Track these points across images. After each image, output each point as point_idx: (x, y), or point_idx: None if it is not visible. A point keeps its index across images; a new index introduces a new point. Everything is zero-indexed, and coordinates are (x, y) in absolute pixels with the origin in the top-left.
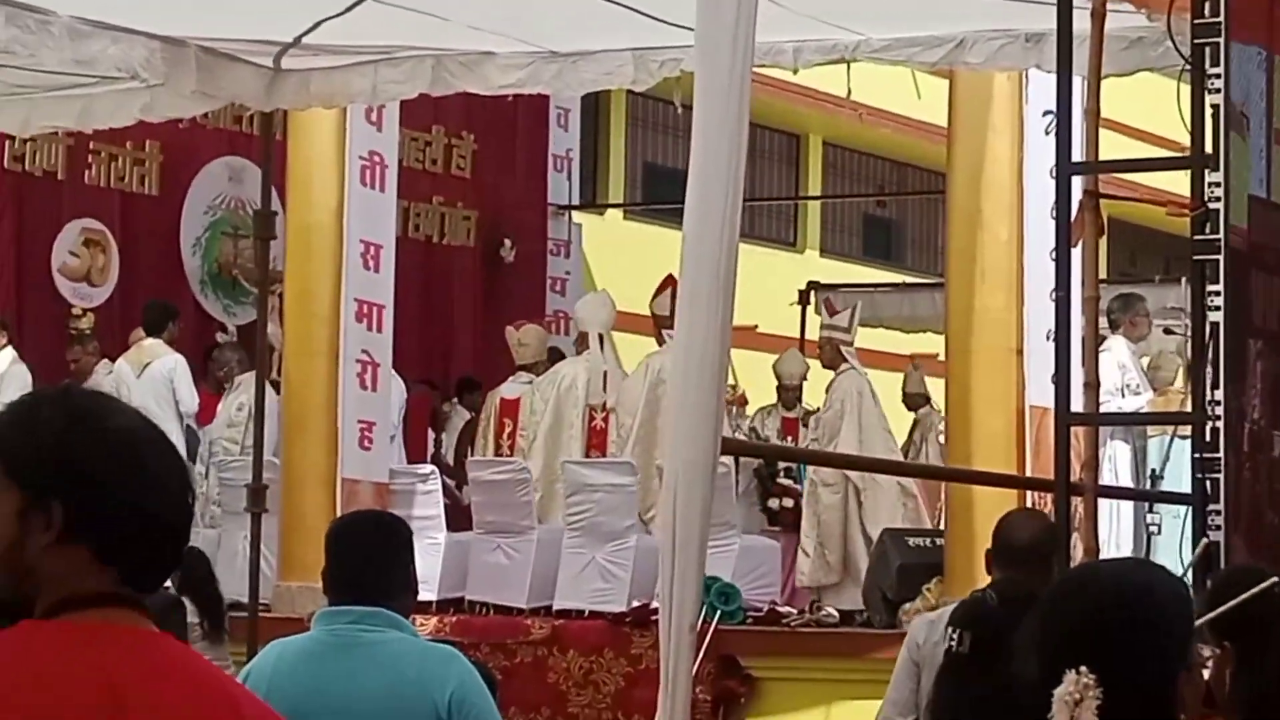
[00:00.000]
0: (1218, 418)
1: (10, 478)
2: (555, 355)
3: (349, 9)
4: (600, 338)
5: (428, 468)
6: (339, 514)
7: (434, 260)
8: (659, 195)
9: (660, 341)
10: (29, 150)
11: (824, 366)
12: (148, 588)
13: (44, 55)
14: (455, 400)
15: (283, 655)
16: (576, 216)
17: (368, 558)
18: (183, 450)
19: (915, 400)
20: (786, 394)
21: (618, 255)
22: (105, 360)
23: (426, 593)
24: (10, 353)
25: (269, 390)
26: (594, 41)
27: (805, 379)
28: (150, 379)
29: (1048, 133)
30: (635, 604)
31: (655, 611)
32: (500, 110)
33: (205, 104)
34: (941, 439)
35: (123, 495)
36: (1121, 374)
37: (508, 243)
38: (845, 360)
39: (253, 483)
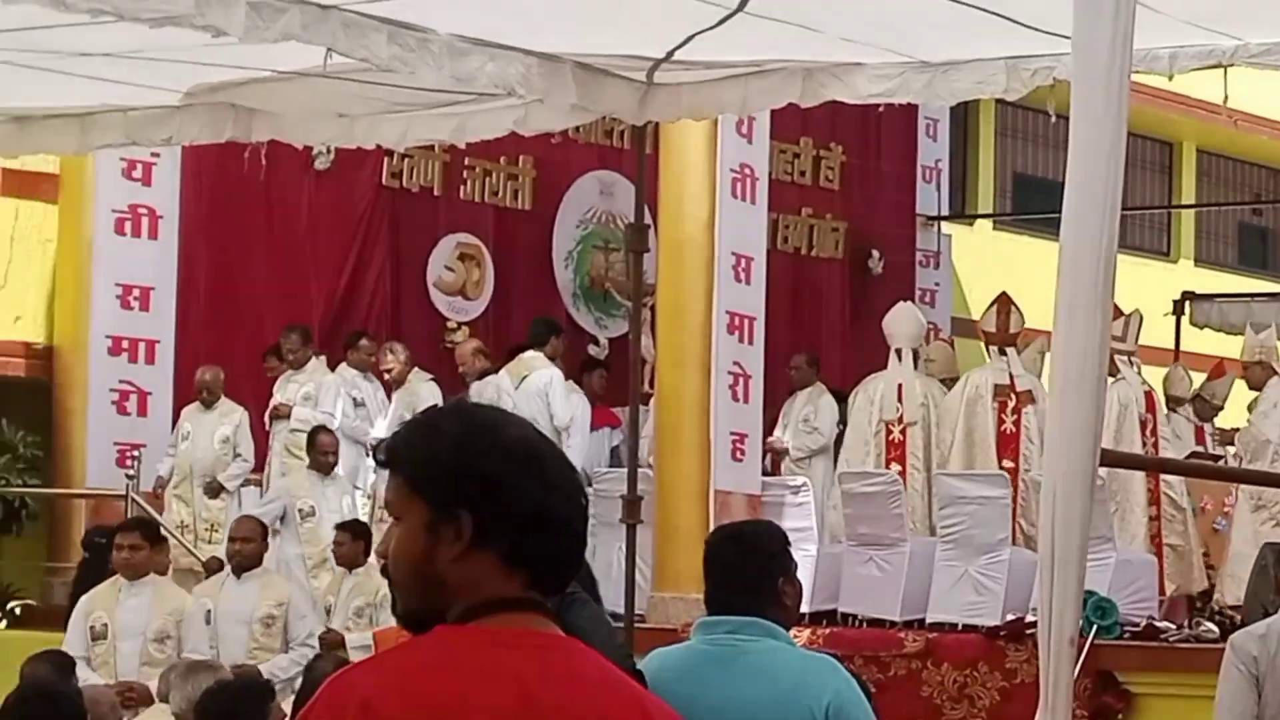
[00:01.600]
0: None
1: (416, 492)
2: None
3: (721, 22)
4: (898, 352)
5: (799, 479)
6: (712, 525)
7: (802, 272)
8: (1028, 205)
9: (989, 356)
10: (406, 167)
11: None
12: (553, 590)
13: (423, 73)
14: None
15: (663, 665)
16: (945, 227)
17: (739, 569)
18: None
19: (1205, 411)
20: (1201, 406)
21: (987, 266)
22: (418, 369)
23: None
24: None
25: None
26: (965, 51)
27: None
28: (527, 392)
29: None
30: (1009, 617)
31: (1030, 625)
32: (868, 121)
33: (577, 117)
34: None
35: (527, 502)
36: None
37: (876, 254)
38: (1119, 369)
39: (627, 494)
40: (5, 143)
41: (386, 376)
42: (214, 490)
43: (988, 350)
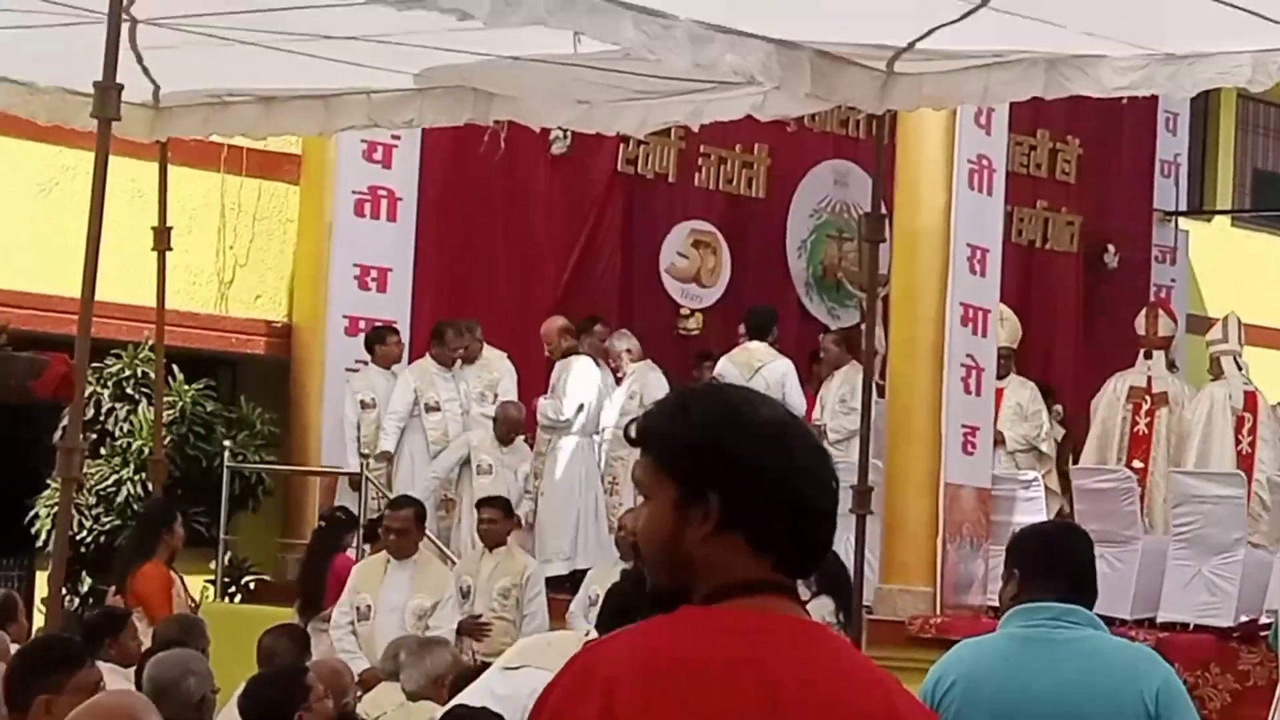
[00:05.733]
0: None
1: (665, 472)
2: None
3: (965, 15)
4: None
5: (1030, 474)
6: (941, 518)
7: (1035, 265)
8: (1268, 202)
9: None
10: (641, 153)
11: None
12: (801, 574)
13: (667, 59)
14: (1060, 407)
15: (978, 654)
16: (1183, 223)
17: (1085, 559)
18: None
19: None
20: None
21: (1224, 263)
22: (488, 347)
23: None
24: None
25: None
26: (1211, 44)
27: None
28: (760, 383)
29: None
30: (1243, 619)
31: (1264, 627)
32: (1106, 115)
33: (815, 104)
34: None
35: (776, 484)
36: None
37: (1111, 249)
38: (1223, 372)
39: (858, 484)
40: (252, 124)
41: (461, 352)
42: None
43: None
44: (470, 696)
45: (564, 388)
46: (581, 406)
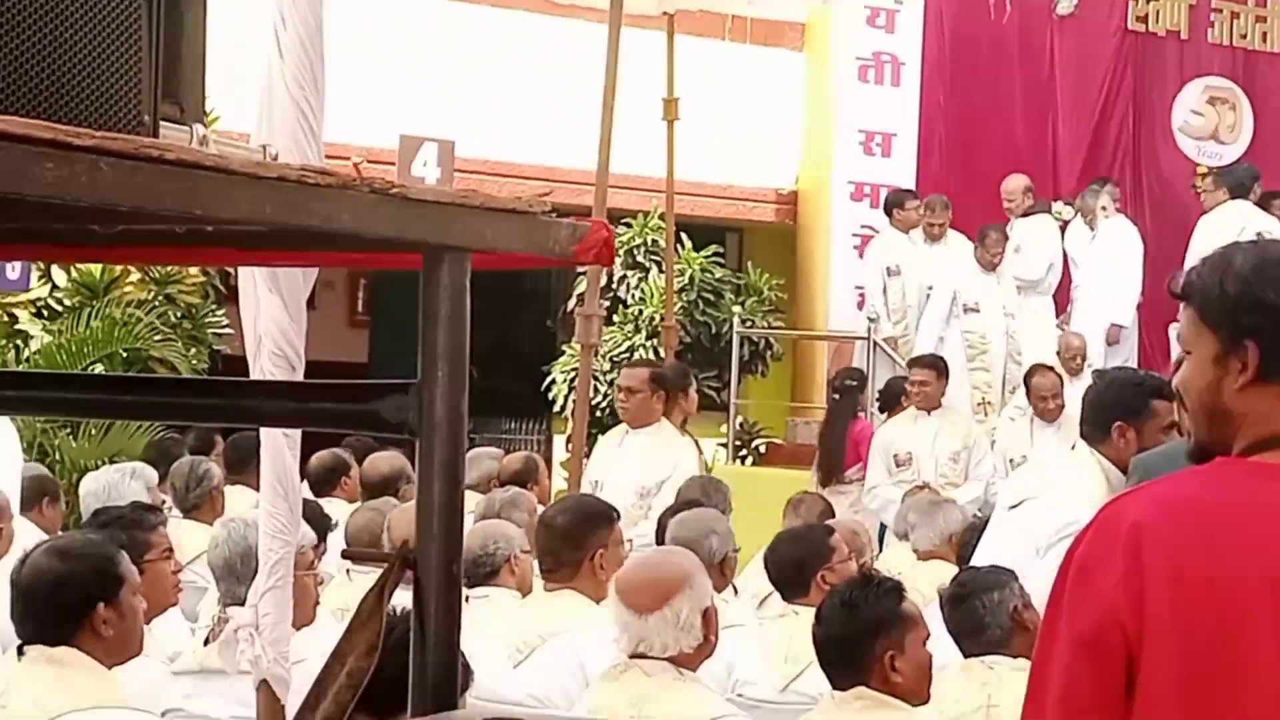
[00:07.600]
0: None
1: (1206, 324)
2: None
3: None
4: None
5: None
6: None
7: None
8: None
9: None
10: (1151, 10)
11: None
12: None
13: None
14: None
15: None
16: None
17: None
18: None
19: None
20: None
21: None
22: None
23: None
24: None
25: None
26: None
27: None
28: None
29: None
30: None
31: None
32: None
33: None
34: None
35: None
36: None
37: None
38: None
39: None
40: None
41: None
42: None
43: None
44: (986, 550)
45: (1031, 247)
46: (1050, 265)
